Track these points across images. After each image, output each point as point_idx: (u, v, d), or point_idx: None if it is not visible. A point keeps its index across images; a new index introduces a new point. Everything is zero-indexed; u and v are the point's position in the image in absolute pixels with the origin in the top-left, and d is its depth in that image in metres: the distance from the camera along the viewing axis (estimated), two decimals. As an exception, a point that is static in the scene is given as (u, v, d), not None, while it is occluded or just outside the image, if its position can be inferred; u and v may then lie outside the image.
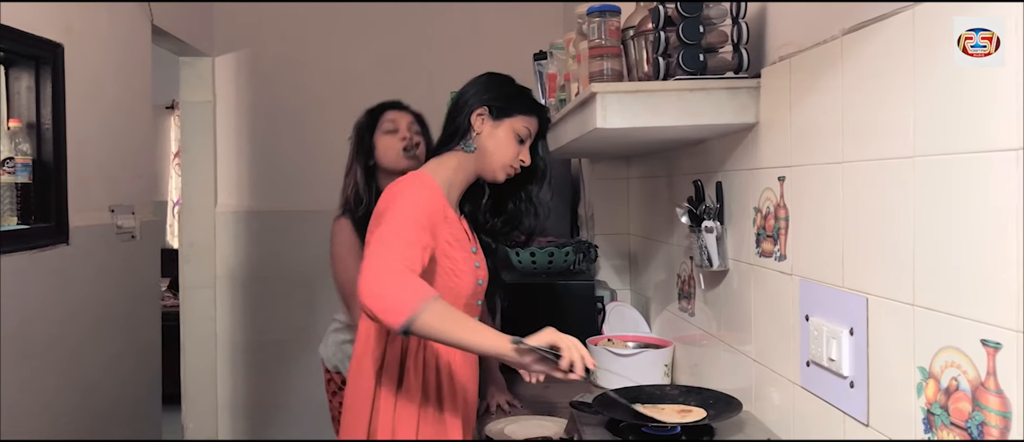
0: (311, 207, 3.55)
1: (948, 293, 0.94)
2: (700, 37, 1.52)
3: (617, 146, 2.12)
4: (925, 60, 0.98)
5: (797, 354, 1.36)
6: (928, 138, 0.98)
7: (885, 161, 1.08)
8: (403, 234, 1.40)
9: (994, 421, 0.86)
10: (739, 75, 1.53)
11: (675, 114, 1.53)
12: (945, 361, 0.95)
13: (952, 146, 0.93)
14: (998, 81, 0.84)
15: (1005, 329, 0.84)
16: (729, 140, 1.68)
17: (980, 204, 0.88)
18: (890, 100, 1.07)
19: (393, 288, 1.31)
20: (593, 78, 1.60)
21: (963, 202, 0.91)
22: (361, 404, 1.56)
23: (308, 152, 3.67)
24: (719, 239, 1.70)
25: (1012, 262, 0.83)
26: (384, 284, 1.31)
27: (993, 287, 0.86)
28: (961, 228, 0.92)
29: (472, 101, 1.65)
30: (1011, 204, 0.83)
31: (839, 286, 1.21)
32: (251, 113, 3.70)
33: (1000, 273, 0.85)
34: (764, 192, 1.51)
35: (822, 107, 1.27)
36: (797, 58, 1.37)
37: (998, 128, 0.85)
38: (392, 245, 1.37)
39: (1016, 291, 0.82)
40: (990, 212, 0.86)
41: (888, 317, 1.08)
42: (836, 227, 1.23)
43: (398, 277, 1.32)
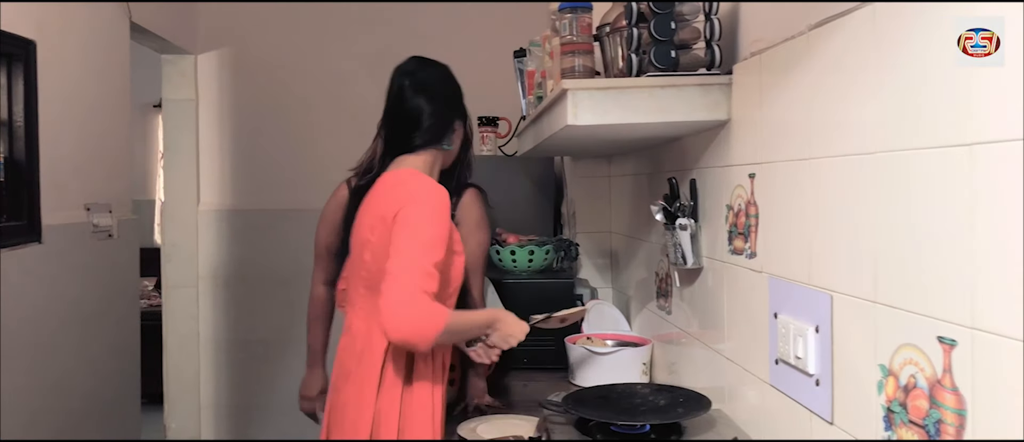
0: (294, 206, 3.53)
1: (907, 290, 0.93)
2: (672, 34, 1.51)
3: (593, 144, 2.11)
4: (886, 56, 0.98)
5: (767, 352, 1.35)
6: (888, 134, 0.97)
7: (848, 157, 1.07)
8: (427, 257, 1.46)
9: (950, 419, 0.85)
10: (711, 72, 1.52)
11: (647, 111, 1.52)
12: (904, 358, 0.94)
13: (910, 142, 0.92)
14: (954, 78, 0.84)
15: (960, 326, 0.83)
16: (703, 137, 1.67)
17: (935, 200, 0.87)
18: (853, 96, 1.06)
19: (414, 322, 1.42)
20: (565, 75, 1.59)
21: (920, 198, 0.91)
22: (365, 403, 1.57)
23: (291, 151, 3.66)
24: (693, 237, 1.69)
25: (965, 259, 0.82)
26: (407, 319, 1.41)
27: (948, 284, 0.85)
28: (918, 224, 0.91)
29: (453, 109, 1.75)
30: (964, 200, 0.82)
31: (806, 283, 1.20)
32: (234, 111, 3.68)
33: (955, 270, 0.84)
34: (736, 189, 1.50)
35: (790, 103, 1.27)
36: (767, 54, 1.36)
37: (953, 124, 0.84)
38: (414, 274, 1.43)
39: (970, 288, 0.82)
40: (945, 208, 0.86)
41: (851, 314, 1.07)
42: (803, 224, 1.22)
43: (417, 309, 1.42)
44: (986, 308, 0.80)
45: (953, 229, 0.84)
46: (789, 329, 1.24)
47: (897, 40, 0.95)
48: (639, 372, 2.09)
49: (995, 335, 0.78)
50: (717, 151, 1.60)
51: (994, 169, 0.78)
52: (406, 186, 1.60)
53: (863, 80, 1.03)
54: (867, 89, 1.02)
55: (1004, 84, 0.76)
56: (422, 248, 1.46)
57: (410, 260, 1.44)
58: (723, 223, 1.57)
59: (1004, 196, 0.77)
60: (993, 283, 0.79)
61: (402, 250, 1.46)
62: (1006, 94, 0.76)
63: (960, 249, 0.83)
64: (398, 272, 1.43)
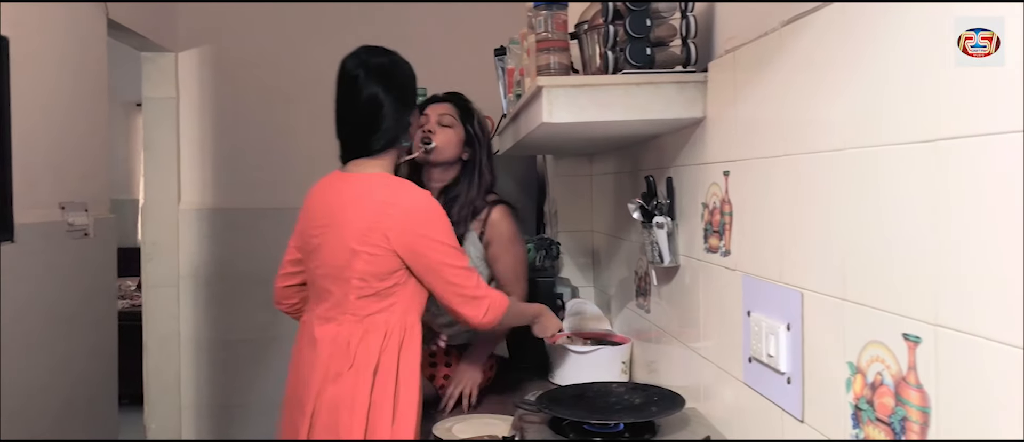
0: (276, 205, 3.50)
1: (874, 287, 0.93)
2: (647, 31, 1.50)
3: (572, 142, 2.10)
4: (854, 52, 0.97)
5: (741, 350, 1.34)
6: (857, 131, 0.97)
7: (818, 154, 1.07)
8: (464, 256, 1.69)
9: (915, 416, 0.85)
10: (687, 69, 1.52)
11: (622, 109, 1.51)
12: (871, 356, 0.94)
13: (877, 139, 0.92)
14: (920, 75, 0.83)
15: (924, 323, 0.83)
16: (680, 135, 1.67)
17: (901, 197, 0.87)
18: (822, 93, 1.05)
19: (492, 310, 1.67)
20: (540, 72, 1.58)
21: (887, 195, 0.90)
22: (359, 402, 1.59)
23: (273, 149, 3.63)
24: (670, 235, 1.69)
25: (929, 256, 0.82)
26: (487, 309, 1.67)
27: (914, 281, 0.85)
28: (885, 221, 0.91)
29: (409, 100, 1.71)
30: (928, 197, 0.82)
31: (777, 281, 1.20)
32: (215, 110, 3.65)
33: (919, 267, 0.84)
34: (711, 187, 1.50)
35: (762, 101, 1.26)
36: (741, 51, 1.36)
37: (918, 121, 0.84)
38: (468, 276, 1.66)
39: (934, 285, 0.81)
40: (910, 205, 0.85)
41: (821, 312, 1.07)
42: (775, 221, 1.21)
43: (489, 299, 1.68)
44: (949, 305, 0.79)
45: (918, 226, 0.84)
46: (762, 327, 1.23)
47: (865, 37, 0.95)
48: (618, 371, 2.09)
49: (958, 332, 0.78)
50: (693, 149, 1.60)
51: (957, 165, 0.78)
52: (400, 197, 1.64)
53: (832, 77, 1.02)
54: (836, 86, 1.01)
55: (968, 80, 0.76)
56: (459, 252, 1.67)
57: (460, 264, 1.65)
58: (699, 221, 1.56)
59: (966, 192, 0.76)
60: (956, 280, 0.78)
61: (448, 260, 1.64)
62: (970, 90, 0.76)
63: (924, 246, 0.83)
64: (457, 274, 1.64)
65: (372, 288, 1.61)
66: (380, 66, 1.69)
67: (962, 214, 0.77)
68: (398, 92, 1.68)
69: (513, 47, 2.24)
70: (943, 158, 0.80)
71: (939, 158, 0.80)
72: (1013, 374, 0.71)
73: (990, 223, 0.73)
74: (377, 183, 1.65)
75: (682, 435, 1.40)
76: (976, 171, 0.75)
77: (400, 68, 1.72)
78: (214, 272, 3.63)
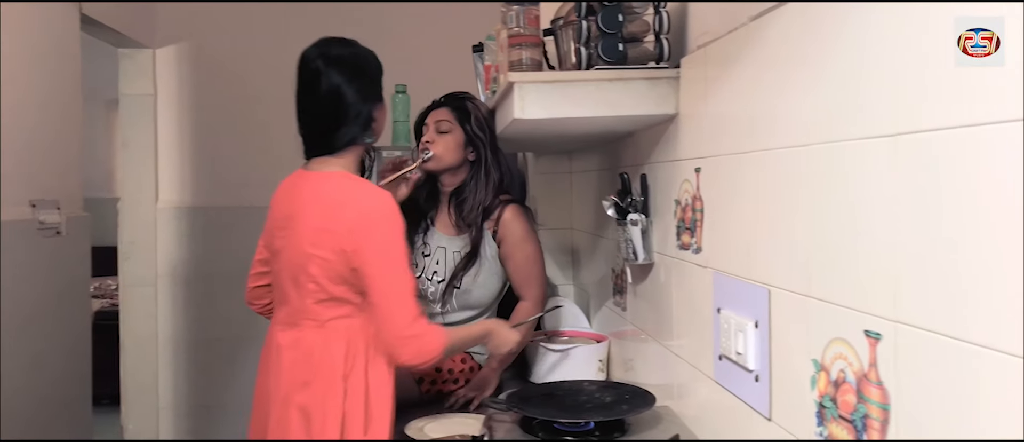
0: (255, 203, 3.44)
1: (838, 283, 0.92)
2: (619, 26, 1.49)
3: (548, 138, 2.09)
4: (817, 47, 0.96)
5: (712, 348, 1.34)
6: (821, 126, 0.96)
7: (784, 150, 1.06)
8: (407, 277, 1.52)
9: (875, 413, 0.84)
10: (660, 65, 1.51)
11: (594, 105, 1.50)
12: (834, 353, 0.93)
13: (840, 134, 0.91)
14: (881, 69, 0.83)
15: (884, 319, 0.82)
16: (654, 132, 1.66)
17: (862, 192, 0.86)
18: (789, 88, 1.05)
19: (420, 350, 1.50)
20: (512, 67, 1.57)
21: (849, 190, 0.90)
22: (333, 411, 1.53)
23: (253, 147, 3.59)
24: (644, 232, 1.68)
25: (888, 250, 0.81)
26: (414, 348, 1.49)
27: (875, 277, 0.84)
28: (847, 217, 0.90)
29: (371, 92, 1.61)
30: (887, 191, 0.81)
31: (746, 278, 1.19)
32: (194, 107, 3.61)
33: (880, 262, 0.83)
34: (683, 184, 1.49)
35: (732, 96, 1.25)
36: (712, 47, 1.35)
37: (878, 115, 0.83)
38: (405, 301, 1.50)
39: (893, 281, 0.81)
40: (870, 200, 0.85)
41: (787, 309, 1.06)
42: (743, 218, 1.21)
43: (420, 339, 1.50)
44: (908, 301, 0.78)
45: (878, 221, 0.83)
46: (731, 324, 1.22)
47: (828, 32, 0.94)
48: (595, 369, 2.07)
49: (916, 328, 0.77)
50: (666, 145, 1.59)
51: (915, 159, 0.77)
52: (354, 198, 1.53)
53: (798, 72, 1.02)
54: (801, 81, 1.01)
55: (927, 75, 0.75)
56: (401, 271, 1.51)
57: (397, 290, 1.50)
58: (672, 218, 1.55)
59: (924, 186, 0.76)
60: (914, 276, 0.77)
61: (385, 280, 1.50)
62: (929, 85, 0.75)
63: (884, 241, 0.82)
64: (390, 304, 1.49)
65: (327, 292, 1.53)
66: (340, 57, 1.59)
67: (919, 209, 0.76)
68: (360, 85, 1.58)
69: (490, 43, 2.22)
70: (901, 153, 0.79)
71: (898, 153, 0.79)
72: (969, 370, 0.70)
73: (947, 218, 0.73)
74: (333, 183, 1.57)
75: (652, 433, 1.39)
76: (933, 164, 0.74)
77: (362, 59, 1.62)
78: (192, 271, 3.59)
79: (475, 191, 2.02)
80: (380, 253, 1.50)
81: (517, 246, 2.01)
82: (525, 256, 2.02)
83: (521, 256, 2.01)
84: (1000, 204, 0.66)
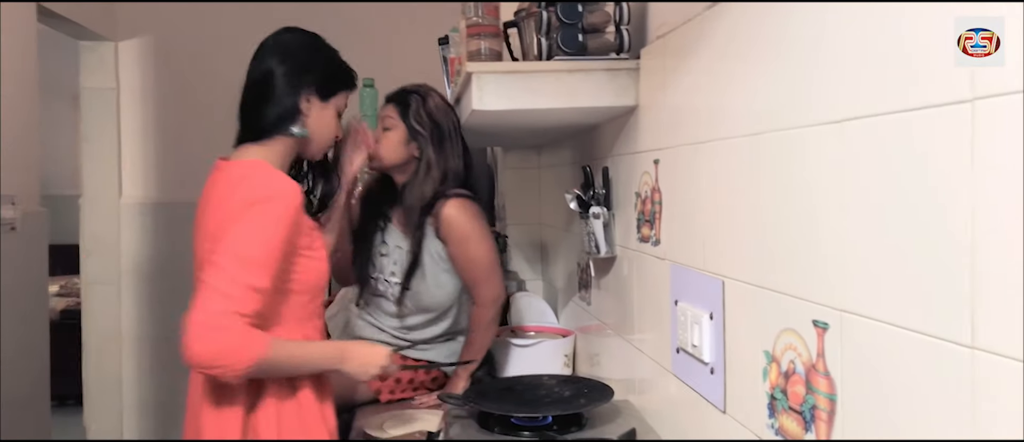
0: (221, 198, 3.42)
1: (788, 273, 0.91)
2: (579, 17, 1.47)
3: (509, 131, 2.07)
4: (766, 37, 0.95)
5: (670, 340, 1.32)
6: (771, 115, 0.95)
7: (737, 139, 1.05)
8: (251, 273, 1.25)
9: (823, 404, 0.83)
10: (620, 56, 1.49)
11: (554, 96, 1.48)
12: (785, 344, 0.92)
13: (789, 122, 0.90)
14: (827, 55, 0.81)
15: (831, 309, 0.81)
16: (616, 124, 1.64)
17: (809, 180, 0.85)
18: (740, 77, 1.03)
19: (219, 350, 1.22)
20: (470, 58, 1.55)
21: (798, 178, 0.88)
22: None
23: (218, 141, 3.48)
24: (607, 226, 1.66)
25: (835, 239, 0.80)
26: (210, 344, 1.22)
27: (823, 266, 0.83)
28: (796, 205, 0.89)
29: (299, 79, 1.44)
30: (833, 178, 0.80)
31: (701, 269, 1.18)
32: (158, 101, 3.54)
33: (826, 250, 0.82)
34: (643, 176, 1.47)
35: (688, 87, 1.24)
36: (670, 37, 1.33)
37: (826, 102, 0.82)
38: (230, 291, 1.23)
39: (840, 269, 0.79)
40: (817, 188, 0.84)
41: (741, 300, 1.05)
42: (699, 209, 1.19)
43: (225, 335, 1.22)
44: (854, 290, 0.77)
45: (826, 208, 0.82)
46: (687, 316, 1.21)
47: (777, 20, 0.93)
48: (561, 364, 2.06)
49: (860, 317, 0.76)
50: (627, 138, 1.57)
51: (862, 145, 0.76)
52: (248, 183, 1.35)
53: (751, 61, 1.00)
54: (755, 69, 0.99)
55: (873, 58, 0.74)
56: (244, 261, 1.25)
57: (229, 276, 1.24)
58: (633, 211, 1.54)
59: (870, 172, 0.75)
60: (859, 264, 0.76)
61: (222, 263, 1.25)
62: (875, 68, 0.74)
63: (831, 229, 0.81)
64: (211, 288, 1.23)
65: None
66: (277, 43, 1.47)
67: (865, 195, 0.75)
68: (287, 71, 1.43)
69: (454, 35, 2.20)
70: (849, 139, 0.78)
71: (845, 139, 0.78)
72: (912, 358, 0.69)
73: (891, 204, 0.71)
74: (238, 169, 1.39)
75: (610, 427, 1.38)
76: (879, 152, 0.73)
77: (296, 45, 1.48)
78: (157, 268, 3.53)
79: (412, 188, 1.88)
80: (232, 236, 1.28)
81: (459, 245, 1.86)
82: (468, 257, 1.86)
83: (464, 256, 1.86)
84: (946, 189, 0.64)
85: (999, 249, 0.59)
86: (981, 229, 0.61)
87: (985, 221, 0.60)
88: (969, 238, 0.62)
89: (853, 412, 0.78)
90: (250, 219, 1.29)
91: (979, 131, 0.61)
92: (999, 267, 0.59)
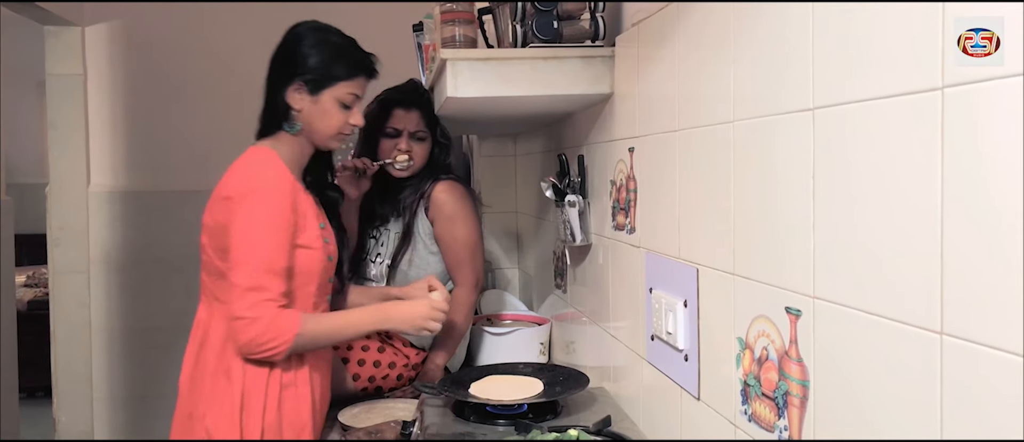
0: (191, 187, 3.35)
1: (761, 261, 0.92)
2: (554, 4, 1.47)
3: (485, 119, 2.06)
4: (739, 26, 0.95)
5: (644, 328, 1.33)
6: (744, 103, 0.95)
7: (710, 127, 1.05)
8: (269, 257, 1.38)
9: (795, 390, 0.84)
10: (595, 44, 1.49)
11: (528, 83, 1.47)
12: (758, 331, 0.92)
13: (761, 110, 0.90)
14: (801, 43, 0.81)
15: (803, 295, 0.82)
16: (592, 112, 1.64)
17: (783, 168, 0.86)
18: (714, 64, 1.03)
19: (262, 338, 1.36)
20: (445, 44, 1.53)
21: (770, 166, 0.89)
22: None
23: (188, 129, 3.48)
24: (582, 214, 1.66)
25: (807, 225, 0.80)
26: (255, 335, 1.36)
27: (795, 253, 0.83)
28: (769, 193, 0.89)
29: (284, 76, 1.49)
30: (805, 165, 0.80)
31: (676, 257, 1.18)
32: (126, 87, 3.47)
33: (798, 237, 0.82)
34: (618, 164, 1.47)
35: (662, 74, 1.24)
36: (644, 25, 1.33)
37: (798, 90, 0.82)
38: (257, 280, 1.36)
39: (811, 256, 0.80)
40: (790, 175, 0.84)
41: (715, 287, 1.06)
42: (673, 197, 1.20)
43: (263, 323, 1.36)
44: (825, 276, 0.78)
45: (798, 195, 0.82)
46: (661, 304, 1.22)
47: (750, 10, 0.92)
48: (537, 352, 2.06)
49: (833, 303, 0.77)
50: (603, 126, 1.57)
51: (833, 133, 0.76)
52: (241, 169, 1.45)
53: (724, 48, 1.00)
54: (727, 56, 0.99)
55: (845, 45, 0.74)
56: (256, 249, 1.37)
57: (248, 270, 1.36)
58: (608, 199, 1.54)
59: (840, 159, 0.75)
60: (830, 250, 0.77)
61: (239, 260, 1.37)
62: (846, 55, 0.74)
63: (803, 216, 0.81)
64: (238, 287, 1.36)
65: (215, 265, 1.44)
66: (283, 39, 1.54)
67: (836, 182, 0.76)
68: (275, 67, 1.51)
69: (429, 22, 2.18)
70: (820, 127, 0.78)
71: (816, 127, 0.79)
72: (883, 344, 0.70)
73: (861, 190, 0.72)
74: (237, 162, 1.49)
75: (585, 415, 1.38)
76: (849, 139, 0.74)
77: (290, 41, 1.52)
78: (127, 257, 3.47)
79: (416, 184, 1.97)
80: (240, 226, 1.38)
81: (446, 226, 1.92)
82: (454, 237, 1.93)
83: (450, 237, 1.92)
84: (915, 176, 0.65)
85: (967, 236, 0.59)
86: (950, 216, 0.61)
87: (954, 208, 0.61)
88: (938, 225, 0.62)
89: (825, 398, 0.79)
90: (246, 211, 1.39)
91: (949, 119, 0.61)
92: (967, 253, 0.59)
